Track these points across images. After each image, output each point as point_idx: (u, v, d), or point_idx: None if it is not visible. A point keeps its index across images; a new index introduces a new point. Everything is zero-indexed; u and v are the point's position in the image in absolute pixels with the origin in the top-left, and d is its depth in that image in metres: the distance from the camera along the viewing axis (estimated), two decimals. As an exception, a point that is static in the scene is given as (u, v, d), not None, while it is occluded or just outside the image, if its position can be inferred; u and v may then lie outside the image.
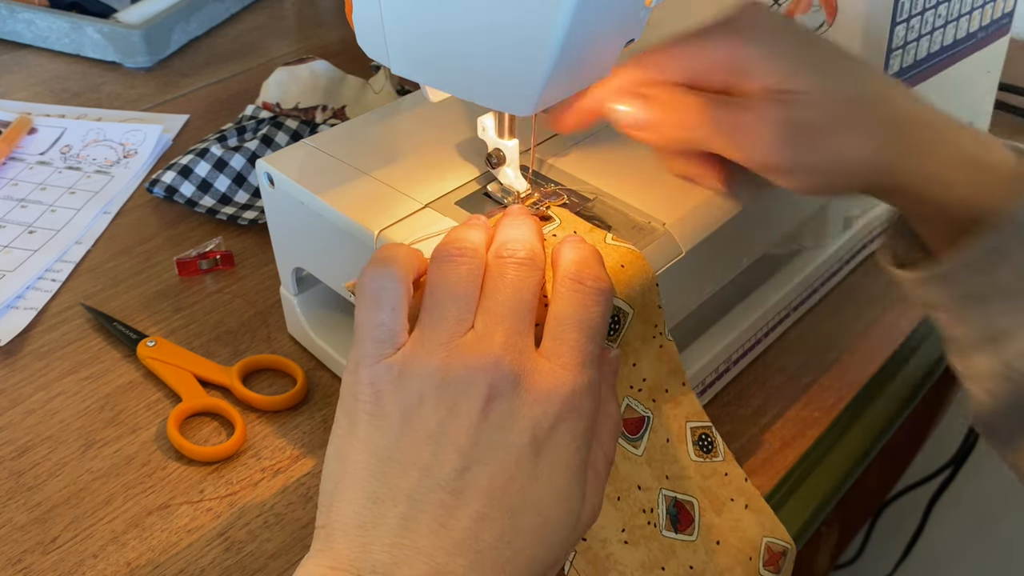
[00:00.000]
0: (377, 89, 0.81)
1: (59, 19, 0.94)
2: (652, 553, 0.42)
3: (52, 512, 0.51)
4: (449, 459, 0.34)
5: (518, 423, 0.35)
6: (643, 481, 0.43)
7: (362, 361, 0.37)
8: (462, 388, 0.35)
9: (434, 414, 0.35)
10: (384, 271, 0.38)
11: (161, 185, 0.72)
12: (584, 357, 0.37)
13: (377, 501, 0.34)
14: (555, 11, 0.37)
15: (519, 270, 0.38)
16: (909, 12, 0.59)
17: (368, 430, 0.36)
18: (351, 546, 0.34)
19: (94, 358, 0.61)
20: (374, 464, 0.35)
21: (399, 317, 0.37)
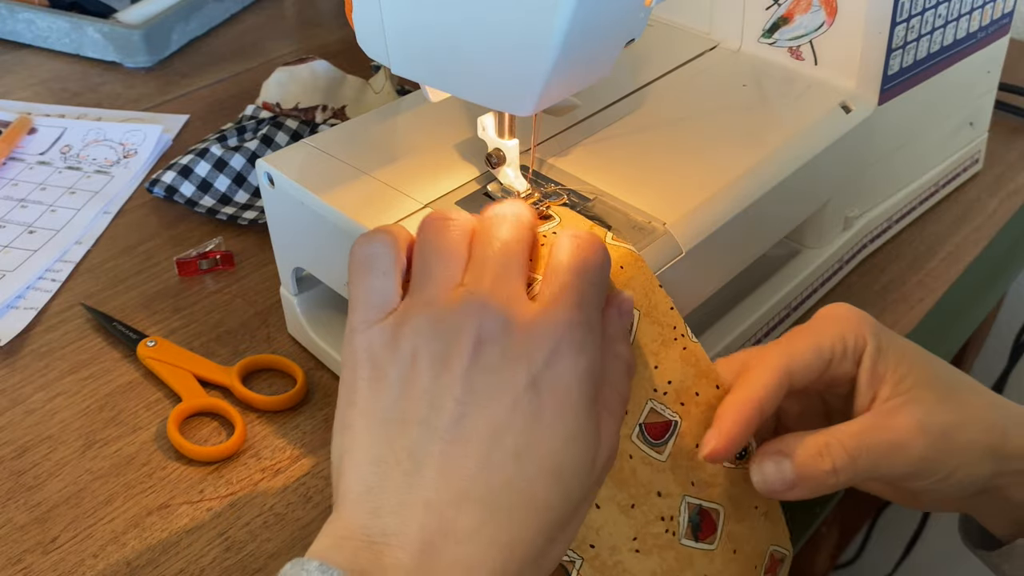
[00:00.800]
0: (377, 89, 0.81)
1: (59, 19, 0.94)
2: (666, 562, 0.42)
3: (52, 512, 0.51)
4: (446, 408, 0.34)
5: (511, 364, 0.34)
6: (664, 487, 0.42)
7: (356, 328, 0.37)
8: (452, 336, 0.35)
9: (428, 368, 0.35)
10: (374, 237, 0.38)
11: (161, 185, 0.72)
12: (578, 296, 0.36)
13: (381, 463, 0.34)
14: (555, 11, 0.37)
15: (507, 227, 0.38)
16: (909, 12, 0.59)
17: (366, 396, 0.35)
18: (360, 512, 0.34)
19: (94, 358, 0.61)
20: (375, 428, 0.35)
21: (391, 281, 0.37)
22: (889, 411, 0.42)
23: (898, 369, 0.42)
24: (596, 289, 0.38)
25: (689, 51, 0.65)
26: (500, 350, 0.35)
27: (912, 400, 0.42)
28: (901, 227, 0.72)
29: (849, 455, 0.41)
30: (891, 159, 0.66)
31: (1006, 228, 0.74)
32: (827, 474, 0.41)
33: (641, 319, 0.42)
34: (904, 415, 0.41)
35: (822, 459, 0.41)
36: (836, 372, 0.42)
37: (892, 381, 0.42)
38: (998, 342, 1.06)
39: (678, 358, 0.43)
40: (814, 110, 0.59)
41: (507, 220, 0.39)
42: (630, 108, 0.58)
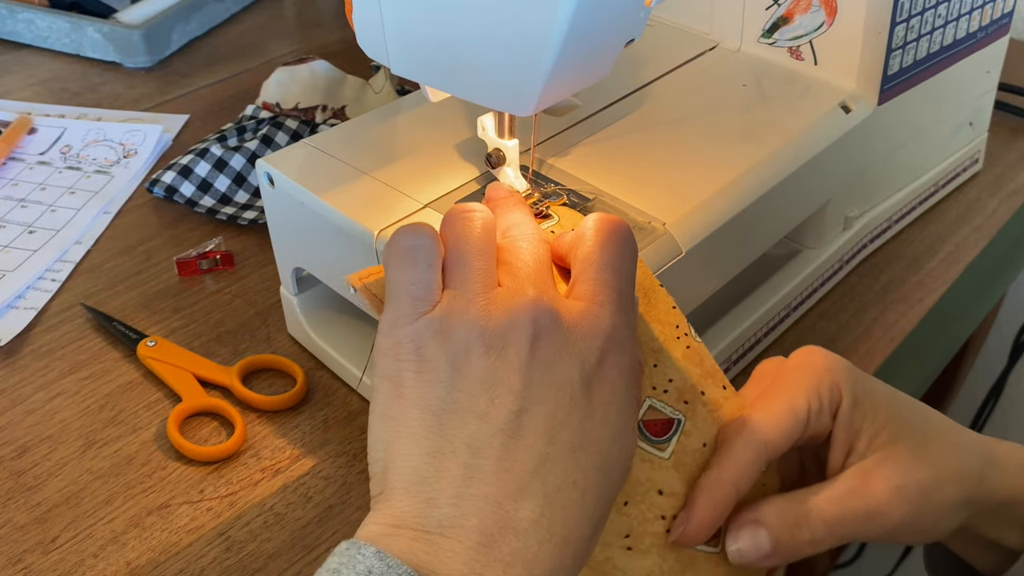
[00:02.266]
0: (377, 89, 0.81)
1: (59, 19, 0.94)
2: (667, 563, 0.41)
3: (52, 512, 0.51)
4: (505, 402, 0.34)
5: (566, 359, 0.35)
6: (667, 486, 0.41)
7: (399, 321, 0.36)
8: (507, 331, 0.35)
9: (483, 360, 0.34)
10: (418, 229, 0.38)
11: (161, 185, 0.72)
12: (618, 296, 0.37)
13: (437, 455, 0.34)
14: (555, 11, 0.38)
15: (532, 241, 0.39)
16: (909, 12, 0.59)
17: (416, 387, 0.35)
18: (414, 502, 0.33)
19: (94, 358, 0.61)
20: (428, 418, 0.34)
21: (435, 274, 0.37)
22: (867, 474, 0.41)
23: (875, 422, 0.42)
24: (630, 285, 0.38)
25: (689, 51, 0.65)
26: (555, 346, 0.35)
27: (889, 458, 0.41)
28: (901, 227, 0.72)
29: (827, 525, 0.40)
30: (891, 159, 0.66)
31: (1006, 228, 0.74)
32: (805, 544, 0.41)
33: (639, 320, 0.42)
34: (882, 479, 0.41)
35: (800, 530, 0.41)
36: (814, 430, 0.42)
37: (868, 435, 0.42)
38: (998, 342, 1.06)
39: (681, 357, 0.43)
40: (814, 110, 0.59)
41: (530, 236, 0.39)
42: (630, 108, 0.58)
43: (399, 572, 0.30)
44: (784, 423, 0.41)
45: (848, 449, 0.42)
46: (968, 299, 0.68)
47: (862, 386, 0.42)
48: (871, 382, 0.43)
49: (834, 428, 0.42)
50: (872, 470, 0.41)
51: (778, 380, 0.42)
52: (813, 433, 0.42)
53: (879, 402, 0.42)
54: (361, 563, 0.31)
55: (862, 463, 0.41)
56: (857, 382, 0.42)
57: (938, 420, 0.44)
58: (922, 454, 0.42)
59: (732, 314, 0.59)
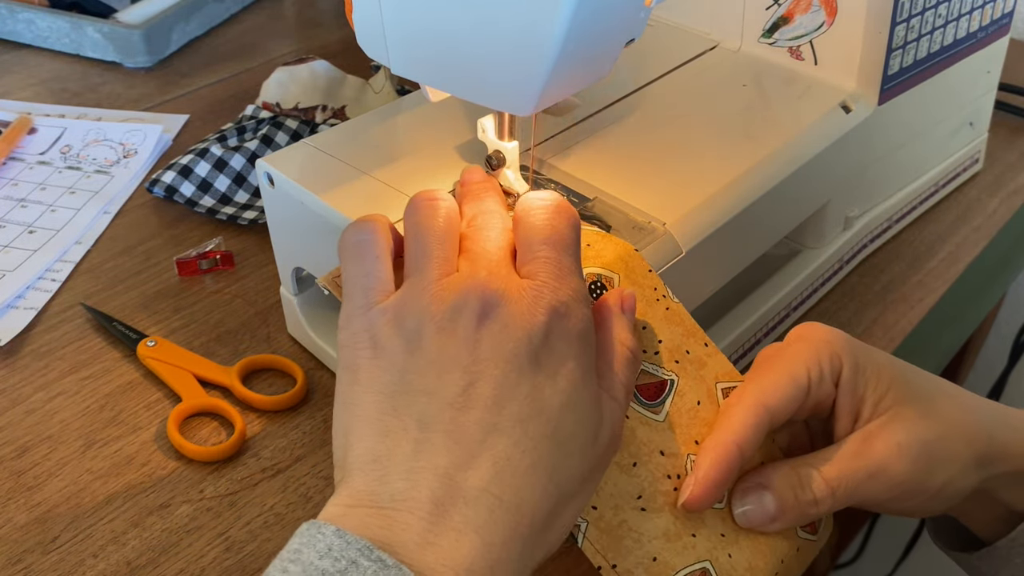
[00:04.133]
0: (377, 89, 0.81)
1: (59, 19, 0.94)
2: (679, 520, 0.42)
3: (52, 512, 0.51)
4: (453, 378, 0.35)
5: (513, 334, 0.36)
6: (667, 447, 0.42)
7: (353, 312, 0.38)
8: (456, 311, 0.36)
9: (434, 341, 0.36)
10: (362, 224, 0.40)
11: (161, 185, 0.72)
12: (560, 268, 0.38)
13: (389, 434, 0.35)
14: (555, 11, 0.38)
15: (495, 229, 0.40)
16: (909, 12, 0.59)
17: (371, 372, 0.36)
18: (368, 480, 0.34)
19: (94, 358, 0.61)
20: (382, 401, 0.36)
21: (384, 265, 0.39)
22: (869, 435, 0.42)
23: (878, 387, 0.42)
24: (572, 257, 0.39)
25: (689, 51, 0.65)
26: (502, 322, 0.36)
27: (893, 419, 0.42)
28: (901, 227, 0.72)
29: (829, 486, 0.41)
30: (891, 159, 0.66)
31: (1006, 228, 0.74)
32: (808, 505, 0.41)
33: (621, 282, 0.43)
34: (883, 438, 0.41)
35: (803, 491, 0.41)
36: (817, 398, 0.42)
37: (872, 400, 0.42)
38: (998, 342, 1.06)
39: (663, 318, 0.43)
40: (814, 110, 0.59)
41: (490, 199, 0.41)
42: (630, 108, 0.58)
43: (357, 547, 0.31)
44: (784, 389, 0.41)
45: (854, 417, 0.42)
46: (968, 299, 0.68)
47: (863, 354, 0.43)
48: (872, 351, 0.43)
49: (837, 396, 0.43)
50: (875, 431, 0.42)
51: (779, 353, 0.43)
52: (816, 402, 0.42)
53: (882, 368, 0.43)
54: (321, 541, 0.32)
55: (866, 427, 0.42)
56: (858, 350, 0.43)
57: (943, 383, 0.44)
58: (926, 413, 0.42)
59: (732, 314, 0.59)
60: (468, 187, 0.43)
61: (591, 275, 0.43)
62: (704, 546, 0.42)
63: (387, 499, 0.34)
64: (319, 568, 0.31)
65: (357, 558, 0.31)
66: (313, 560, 0.31)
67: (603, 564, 0.41)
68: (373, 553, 0.31)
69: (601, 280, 0.43)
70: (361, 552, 0.31)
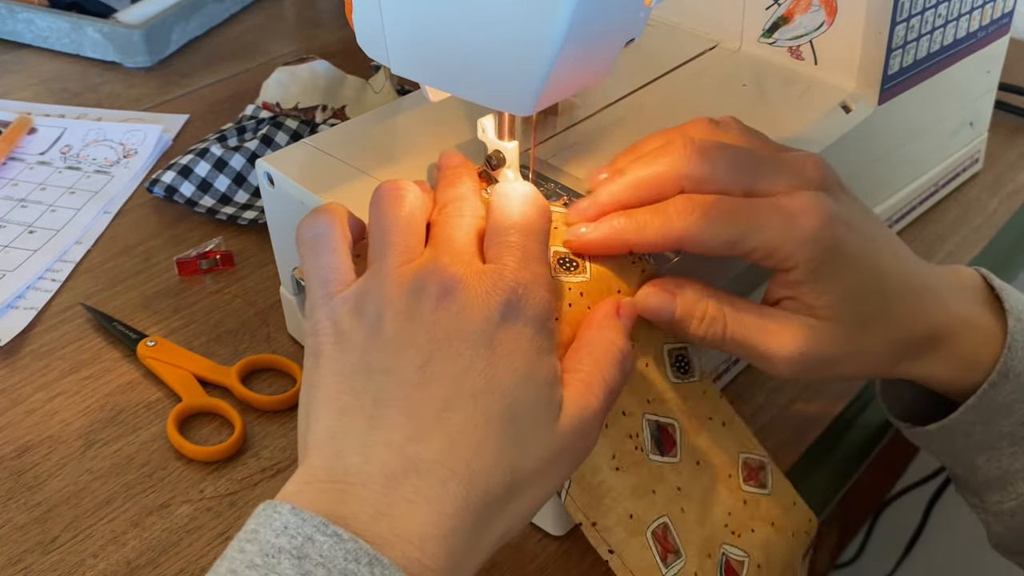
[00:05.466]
0: (377, 89, 0.81)
1: (59, 19, 0.94)
2: (642, 478, 0.43)
3: (52, 512, 0.51)
4: (409, 356, 0.36)
5: (471, 315, 0.36)
6: (627, 407, 0.44)
7: (315, 304, 0.39)
8: (415, 295, 0.37)
9: (393, 324, 0.37)
10: (316, 217, 0.41)
11: (161, 185, 0.72)
12: (523, 253, 0.38)
13: (346, 412, 0.36)
14: (555, 10, 0.38)
15: (464, 216, 0.40)
16: (909, 12, 0.59)
17: (332, 356, 0.37)
18: (324, 456, 0.35)
19: (94, 358, 0.61)
20: (341, 382, 0.36)
21: (341, 256, 0.39)
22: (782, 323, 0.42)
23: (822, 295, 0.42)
24: (538, 242, 0.39)
25: (689, 51, 0.65)
26: (459, 304, 0.37)
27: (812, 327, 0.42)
28: (901, 227, 0.72)
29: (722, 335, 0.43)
30: (891, 159, 0.66)
31: (1006, 228, 0.74)
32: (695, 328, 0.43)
33: None
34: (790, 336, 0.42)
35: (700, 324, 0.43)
36: None
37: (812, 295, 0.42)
38: (998, 342, 1.05)
39: (638, 282, 0.44)
40: (814, 110, 0.59)
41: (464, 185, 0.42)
42: (630, 108, 0.58)
43: (313, 523, 0.32)
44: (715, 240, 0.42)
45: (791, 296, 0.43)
46: (968, 299, 0.68)
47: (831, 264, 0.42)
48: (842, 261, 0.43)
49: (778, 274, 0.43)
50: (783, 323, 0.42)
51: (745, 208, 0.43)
52: None
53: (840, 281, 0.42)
54: (278, 520, 0.32)
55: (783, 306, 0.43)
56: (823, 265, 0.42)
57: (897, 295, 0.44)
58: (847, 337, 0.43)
59: (732, 314, 0.59)
60: (443, 172, 0.44)
61: (558, 253, 0.43)
62: (662, 501, 0.43)
63: (342, 474, 0.34)
64: (276, 546, 0.32)
65: (313, 534, 0.32)
66: (270, 539, 0.32)
67: (584, 521, 0.42)
68: (329, 528, 0.32)
69: (569, 256, 0.44)
70: (317, 528, 0.32)
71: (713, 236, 0.42)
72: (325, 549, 0.31)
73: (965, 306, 0.45)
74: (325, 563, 0.31)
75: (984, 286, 0.47)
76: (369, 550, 0.32)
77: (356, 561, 0.31)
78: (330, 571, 0.31)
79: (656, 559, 0.43)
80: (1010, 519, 0.47)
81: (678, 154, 0.43)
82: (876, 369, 0.45)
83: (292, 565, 0.31)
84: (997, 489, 0.47)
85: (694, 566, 0.44)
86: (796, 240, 0.41)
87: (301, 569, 0.31)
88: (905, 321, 0.44)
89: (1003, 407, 0.45)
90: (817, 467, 0.56)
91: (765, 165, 0.43)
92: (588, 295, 0.42)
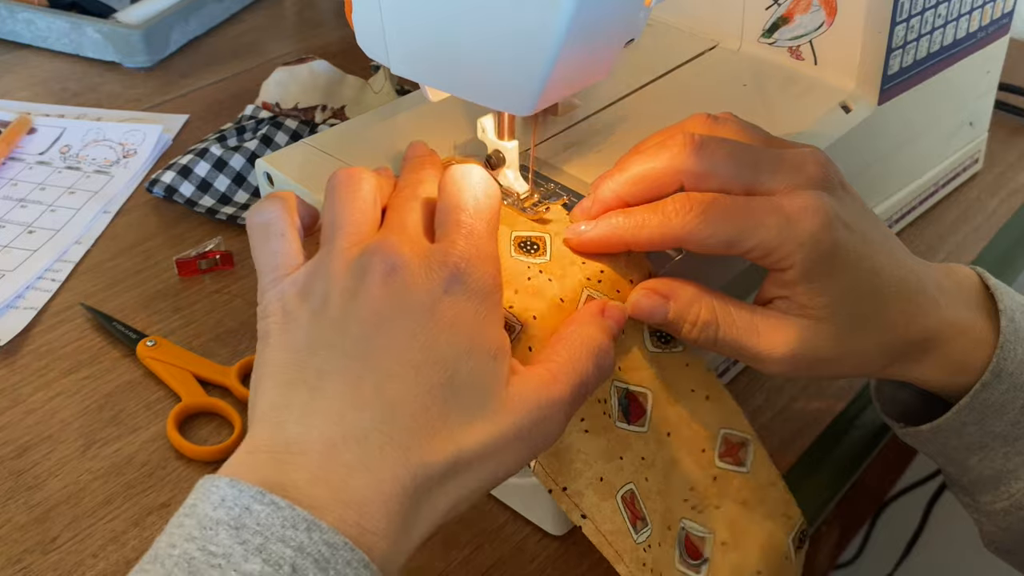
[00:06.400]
0: (377, 89, 0.81)
1: (59, 19, 0.94)
2: (611, 443, 0.43)
3: (52, 512, 0.51)
4: (352, 332, 0.36)
5: (414, 290, 0.37)
6: None
7: (265, 287, 0.39)
8: (360, 273, 0.37)
9: (338, 302, 0.37)
10: (264, 205, 0.41)
11: (161, 185, 0.72)
12: (470, 231, 0.39)
13: (290, 385, 0.36)
14: (555, 10, 0.38)
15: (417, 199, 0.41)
16: (909, 12, 0.59)
17: (280, 335, 0.38)
18: (267, 428, 0.36)
19: (94, 358, 0.61)
20: (288, 357, 0.37)
21: (289, 240, 0.40)
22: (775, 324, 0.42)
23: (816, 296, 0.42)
24: (485, 221, 0.40)
25: (689, 51, 0.65)
26: (403, 281, 0.37)
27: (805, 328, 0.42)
28: (901, 227, 0.72)
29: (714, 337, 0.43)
30: (891, 159, 0.66)
31: (1006, 228, 0.74)
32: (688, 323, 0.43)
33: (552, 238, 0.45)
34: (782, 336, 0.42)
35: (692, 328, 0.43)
36: None
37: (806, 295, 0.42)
38: (998, 342, 1.05)
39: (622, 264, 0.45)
40: (814, 110, 0.59)
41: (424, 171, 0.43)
42: (630, 108, 0.58)
43: (250, 493, 0.32)
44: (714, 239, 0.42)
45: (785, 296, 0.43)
46: (968, 299, 0.68)
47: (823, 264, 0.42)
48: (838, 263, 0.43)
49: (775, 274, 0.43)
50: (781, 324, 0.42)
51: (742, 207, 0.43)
52: None
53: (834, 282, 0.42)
54: (215, 493, 0.33)
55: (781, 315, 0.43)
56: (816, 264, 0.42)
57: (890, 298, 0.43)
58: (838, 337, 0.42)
59: (732, 314, 0.59)
60: (406, 160, 0.45)
61: (520, 236, 0.44)
62: (629, 469, 0.43)
63: (282, 444, 0.35)
64: (213, 518, 0.32)
65: (250, 504, 0.32)
66: (208, 512, 0.32)
67: (554, 488, 0.42)
68: (265, 497, 0.32)
69: (531, 239, 0.45)
70: (254, 498, 0.32)
71: (711, 235, 0.41)
72: (262, 518, 0.32)
73: (959, 309, 0.45)
74: (262, 531, 0.31)
75: (980, 286, 0.47)
76: (307, 516, 0.32)
77: (294, 528, 0.32)
78: (267, 539, 0.31)
79: (627, 524, 0.43)
80: (1003, 519, 0.47)
81: (677, 149, 0.43)
82: (868, 370, 0.45)
83: (230, 535, 0.31)
84: (990, 489, 0.47)
85: (657, 536, 0.44)
86: (794, 241, 0.41)
87: (239, 538, 0.31)
88: (898, 324, 0.43)
89: (996, 407, 0.45)
90: (817, 467, 0.56)
91: (765, 161, 0.43)
92: (547, 271, 0.43)
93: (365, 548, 0.33)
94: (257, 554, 0.31)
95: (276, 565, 0.31)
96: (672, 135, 0.44)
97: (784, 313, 0.43)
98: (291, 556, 0.31)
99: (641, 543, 0.43)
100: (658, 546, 0.44)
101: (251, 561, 0.31)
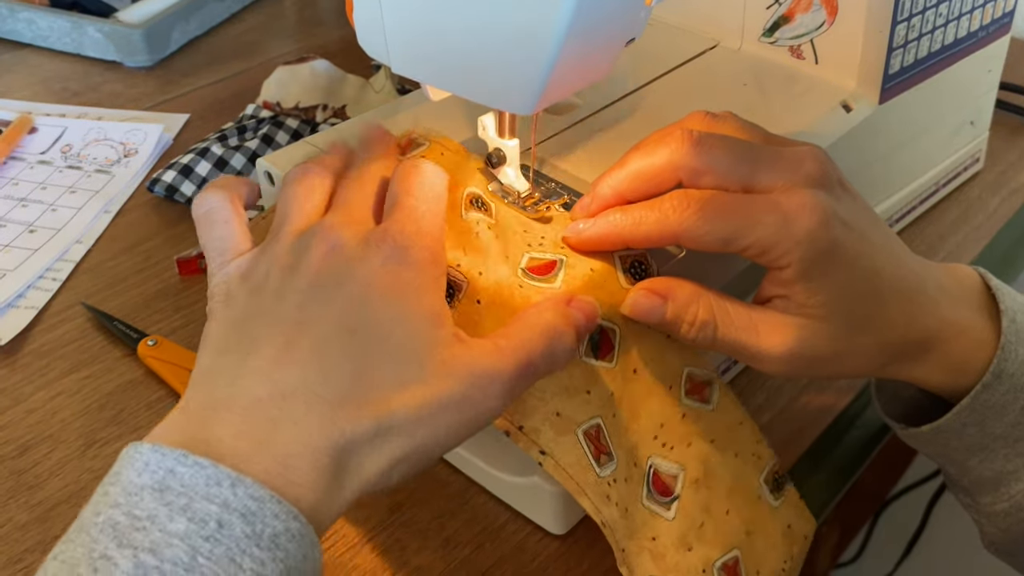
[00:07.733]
0: (378, 88, 0.81)
1: (60, 18, 0.94)
2: (574, 378, 0.42)
3: (53, 511, 0.51)
4: (290, 301, 0.37)
5: (353, 263, 0.38)
6: None
7: (212, 272, 0.41)
8: (302, 249, 0.39)
9: (278, 275, 0.38)
10: (207, 193, 0.43)
11: (162, 184, 0.72)
12: (411, 211, 0.40)
13: (224, 352, 0.37)
14: (555, 10, 0.38)
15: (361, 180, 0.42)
16: (909, 12, 0.59)
17: (222, 311, 0.39)
18: (198, 392, 0.36)
19: (95, 357, 0.61)
20: (226, 328, 0.38)
21: (234, 226, 0.41)
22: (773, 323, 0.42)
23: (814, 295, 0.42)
24: (430, 206, 0.41)
25: (689, 50, 0.65)
26: (343, 257, 0.38)
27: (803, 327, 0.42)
28: (901, 227, 0.72)
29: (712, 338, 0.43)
30: (892, 158, 0.66)
31: (1006, 227, 0.74)
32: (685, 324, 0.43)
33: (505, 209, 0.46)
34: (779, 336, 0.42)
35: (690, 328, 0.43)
36: None
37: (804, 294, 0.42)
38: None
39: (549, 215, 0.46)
40: (815, 109, 0.59)
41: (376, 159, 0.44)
42: (630, 108, 0.58)
43: (173, 456, 0.33)
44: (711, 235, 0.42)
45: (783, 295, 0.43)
46: (969, 298, 0.67)
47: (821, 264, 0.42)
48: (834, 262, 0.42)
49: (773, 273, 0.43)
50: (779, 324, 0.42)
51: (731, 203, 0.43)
52: None
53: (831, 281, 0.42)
54: (139, 460, 0.33)
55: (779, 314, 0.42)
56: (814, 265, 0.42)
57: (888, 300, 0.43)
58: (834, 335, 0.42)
59: (733, 313, 0.59)
60: (362, 143, 0.46)
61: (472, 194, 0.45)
62: (597, 403, 0.43)
63: (210, 404, 0.35)
64: (137, 484, 0.32)
65: (174, 466, 0.32)
66: (132, 478, 0.32)
67: (510, 428, 0.41)
68: (189, 459, 0.32)
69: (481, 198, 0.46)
70: (177, 460, 0.32)
71: (707, 232, 0.41)
72: (186, 479, 0.32)
73: (960, 310, 0.45)
74: (187, 491, 0.32)
75: (981, 286, 0.47)
76: (230, 473, 0.32)
77: (218, 485, 0.32)
78: (192, 499, 0.32)
79: (589, 458, 0.42)
80: (1003, 520, 0.47)
81: (675, 145, 0.43)
82: (867, 369, 0.45)
83: (154, 498, 0.32)
84: (990, 490, 0.47)
85: (624, 472, 0.43)
86: (791, 239, 0.41)
87: (163, 500, 0.32)
88: (897, 324, 0.43)
89: (996, 408, 0.45)
90: (817, 467, 0.56)
91: (764, 159, 0.43)
92: (493, 229, 0.44)
93: (292, 499, 0.33)
94: (182, 513, 0.31)
95: (201, 522, 0.31)
96: (671, 131, 0.44)
97: (783, 312, 0.42)
98: (216, 512, 0.32)
99: (605, 476, 0.42)
100: (624, 481, 0.43)
101: (176, 521, 0.31)
